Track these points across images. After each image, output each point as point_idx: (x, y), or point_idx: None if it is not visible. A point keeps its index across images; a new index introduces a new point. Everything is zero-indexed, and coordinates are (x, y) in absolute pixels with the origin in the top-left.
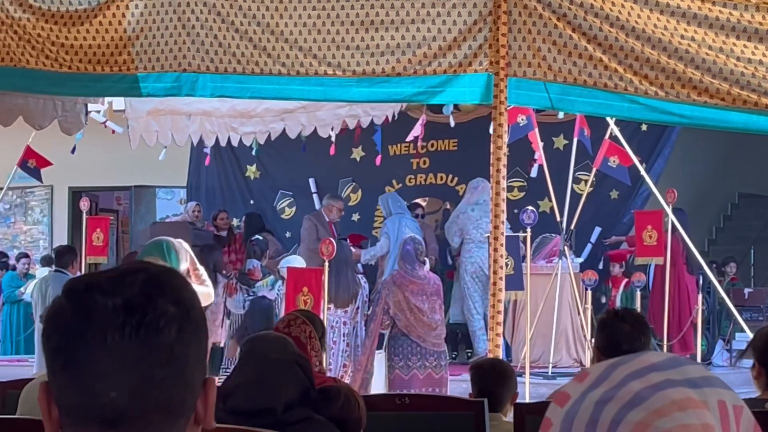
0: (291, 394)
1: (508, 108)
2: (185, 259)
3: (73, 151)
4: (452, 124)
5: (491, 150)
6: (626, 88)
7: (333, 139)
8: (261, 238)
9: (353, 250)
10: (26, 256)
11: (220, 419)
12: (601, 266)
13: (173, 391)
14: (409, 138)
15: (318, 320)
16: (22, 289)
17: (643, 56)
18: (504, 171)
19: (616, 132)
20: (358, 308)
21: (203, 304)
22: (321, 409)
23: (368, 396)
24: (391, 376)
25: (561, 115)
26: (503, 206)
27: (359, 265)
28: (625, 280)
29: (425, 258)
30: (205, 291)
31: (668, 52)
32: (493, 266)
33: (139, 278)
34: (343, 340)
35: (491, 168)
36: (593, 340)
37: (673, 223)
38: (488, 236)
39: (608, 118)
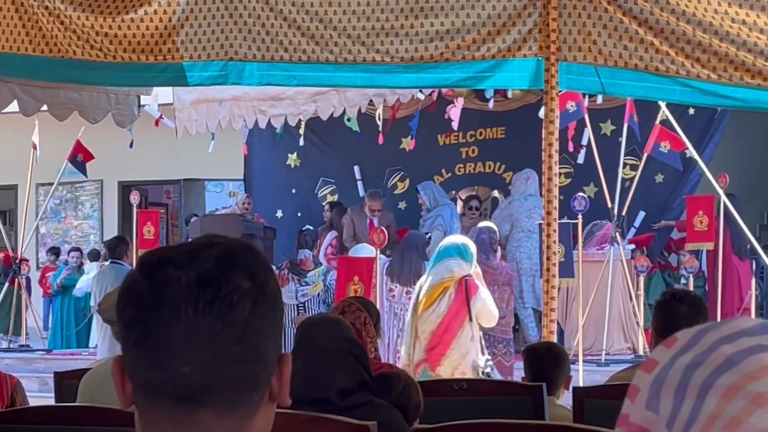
0: (345, 381)
1: (559, 93)
2: None
3: (131, 146)
4: (490, 106)
5: (543, 136)
6: (678, 72)
7: (381, 128)
8: (311, 228)
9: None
10: (77, 249)
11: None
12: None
13: (247, 366)
14: (455, 125)
15: (372, 307)
16: (58, 281)
17: (695, 40)
18: (556, 157)
19: (669, 116)
20: None
21: None
22: (380, 395)
23: (426, 381)
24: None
25: (600, 99)
26: (556, 192)
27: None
28: (650, 265)
29: (498, 247)
30: None
31: (719, 36)
32: (546, 252)
33: (213, 252)
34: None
35: (543, 154)
36: (651, 322)
37: (724, 209)
38: (540, 223)
39: (660, 103)
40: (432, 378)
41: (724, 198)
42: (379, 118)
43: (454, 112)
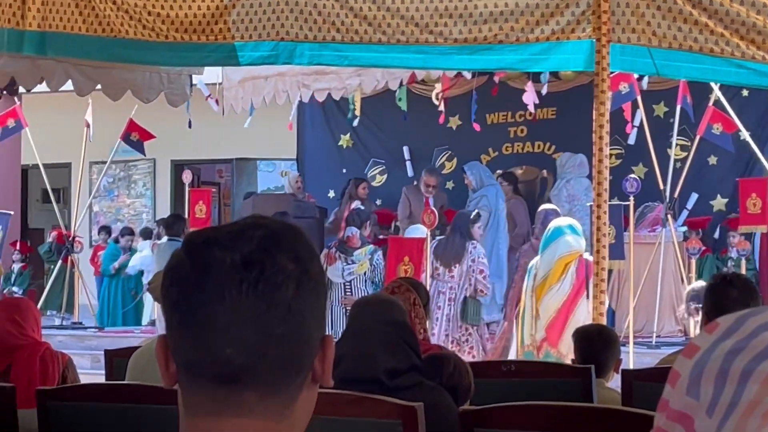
0: (393, 362)
1: (611, 75)
2: None
3: (189, 125)
4: (544, 92)
5: (594, 117)
6: (733, 53)
7: (441, 108)
8: (362, 207)
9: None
10: (131, 232)
11: (330, 387)
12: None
13: (291, 348)
14: (530, 107)
15: (422, 287)
16: (115, 264)
17: (749, 21)
18: (606, 139)
19: (721, 98)
20: (463, 274)
21: None
22: (430, 377)
23: (474, 362)
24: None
25: (645, 83)
26: (606, 173)
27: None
28: (702, 248)
29: None
30: None
31: None
32: (596, 234)
33: (258, 234)
34: (448, 305)
35: (593, 135)
36: (702, 306)
37: None
38: (590, 205)
39: (713, 84)
40: (556, 359)
41: None
42: (437, 98)
43: (528, 97)
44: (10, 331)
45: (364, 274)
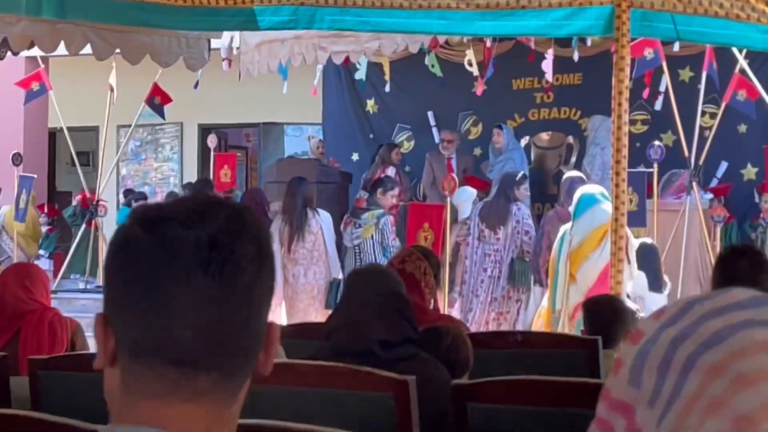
0: (386, 333)
1: (632, 41)
2: None
3: (196, 86)
4: (576, 58)
5: (613, 84)
6: (759, 19)
7: (477, 72)
8: (392, 176)
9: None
10: (144, 197)
11: (325, 358)
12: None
13: (249, 334)
14: (548, 76)
15: (434, 257)
16: None
17: None
18: (626, 105)
19: (744, 65)
20: (508, 236)
21: None
22: (428, 349)
23: (479, 333)
24: None
25: (677, 47)
26: (625, 141)
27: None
28: (727, 215)
29: None
30: None
31: None
32: (615, 202)
33: (222, 213)
34: (494, 267)
35: (613, 102)
36: (711, 277)
37: None
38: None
39: (735, 51)
40: None
41: None
42: (470, 64)
43: (546, 65)
44: (19, 296)
45: (371, 237)
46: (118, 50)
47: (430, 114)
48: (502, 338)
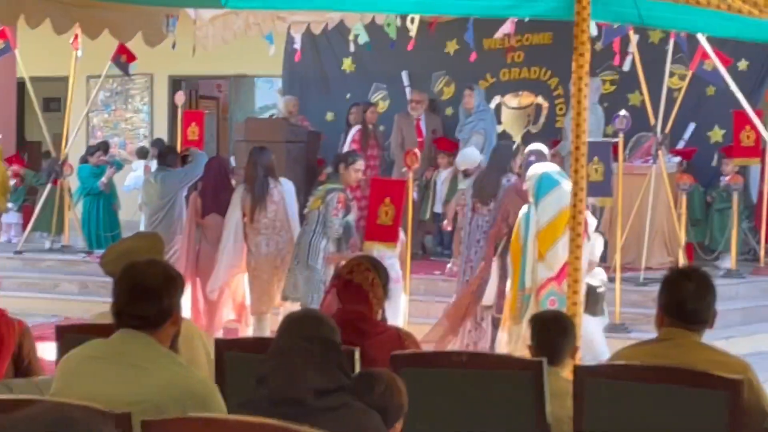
0: (320, 380)
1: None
2: None
3: (173, 47)
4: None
5: (572, 68)
6: (719, 6)
7: (412, 33)
8: (360, 138)
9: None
10: (100, 149)
11: (257, 406)
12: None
13: None
14: (498, 35)
15: (382, 267)
16: (104, 179)
17: None
18: (586, 91)
19: (704, 42)
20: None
21: None
22: (361, 395)
23: (426, 353)
24: (502, 287)
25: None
26: (585, 127)
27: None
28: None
29: None
30: None
31: None
32: (574, 177)
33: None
34: (481, 243)
35: (572, 87)
36: (657, 299)
37: None
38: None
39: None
40: (559, 296)
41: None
42: (412, 22)
43: (505, 27)
44: None
45: (318, 210)
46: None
47: (404, 74)
48: (447, 358)
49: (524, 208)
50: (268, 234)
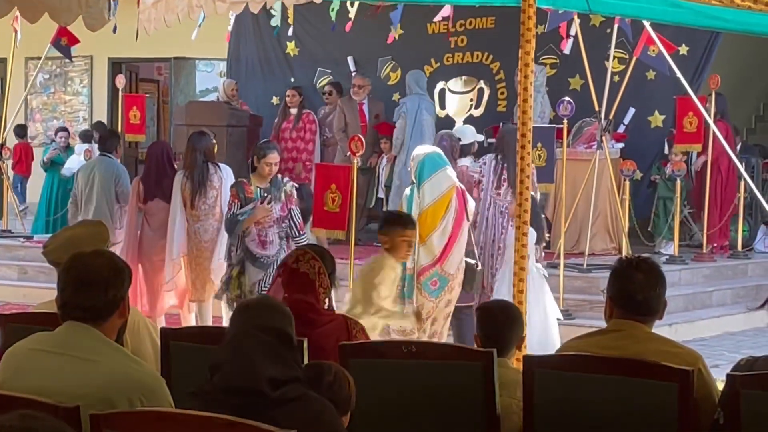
0: (274, 371)
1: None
2: None
3: (114, 31)
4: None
5: (519, 55)
6: None
7: (351, 15)
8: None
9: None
10: (65, 129)
11: (210, 395)
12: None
13: None
14: (437, 18)
15: (328, 255)
16: (45, 157)
17: None
18: (532, 78)
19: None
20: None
21: None
22: (309, 386)
23: (374, 343)
24: None
25: None
26: (530, 114)
27: None
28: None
29: (458, 153)
30: None
31: None
32: (520, 164)
33: None
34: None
35: (519, 74)
36: (605, 290)
37: (719, 109)
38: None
39: None
40: (440, 276)
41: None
42: (352, 5)
43: (445, 10)
44: None
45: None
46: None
47: (349, 59)
48: (397, 348)
49: (407, 190)
50: (208, 220)
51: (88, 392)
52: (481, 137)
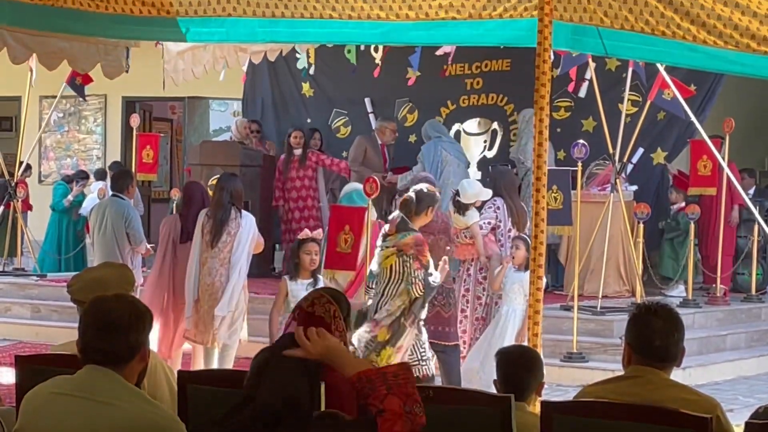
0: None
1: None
2: None
3: (127, 71)
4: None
5: (534, 99)
6: (684, 37)
7: (378, 61)
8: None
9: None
10: (86, 176)
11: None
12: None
13: None
14: (439, 52)
15: (344, 299)
16: (70, 197)
17: (697, 3)
18: (547, 122)
19: (662, 71)
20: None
21: None
22: None
23: None
24: None
25: None
26: (545, 157)
27: None
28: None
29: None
30: None
31: (723, 0)
32: (535, 207)
33: None
34: None
35: (534, 118)
36: (623, 336)
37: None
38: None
39: None
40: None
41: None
42: (376, 50)
43: (444, 49)
44: None
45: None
46: (34, 55)
47: (367, 100)
48: None
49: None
50: (214, 263)
51: None
52: (486, 195)
